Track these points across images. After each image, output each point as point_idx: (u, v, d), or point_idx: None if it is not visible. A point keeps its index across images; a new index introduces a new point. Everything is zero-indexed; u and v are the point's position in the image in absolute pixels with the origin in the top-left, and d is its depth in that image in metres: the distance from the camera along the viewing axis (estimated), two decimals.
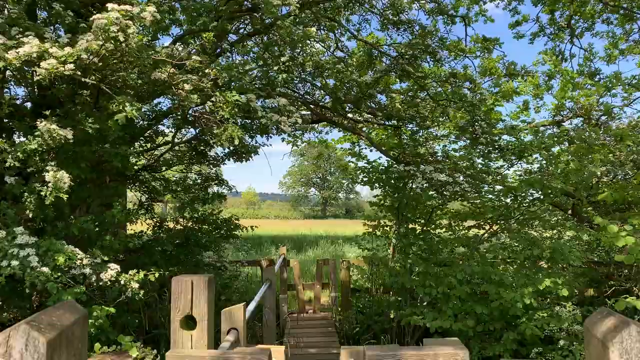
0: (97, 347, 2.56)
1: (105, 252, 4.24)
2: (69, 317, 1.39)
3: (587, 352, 1.56)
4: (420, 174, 6.12)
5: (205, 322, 2.30)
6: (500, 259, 7.89)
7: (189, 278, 2.33)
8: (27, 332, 1.25)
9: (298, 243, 20.11)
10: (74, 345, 1.38)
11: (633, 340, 1.37)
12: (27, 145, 3.67)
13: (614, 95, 9.57)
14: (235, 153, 6.35)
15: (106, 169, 5.13)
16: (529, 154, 7.67)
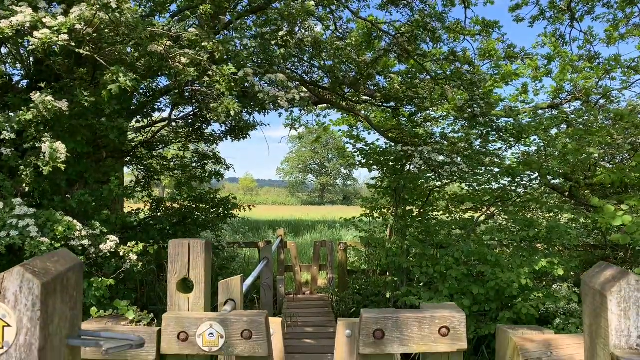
0: (94, 311, 2.55)
1: (103, 226, 4.22)
2: (64, 264, 1.38)
3: (585, 306, 1.56)
4: (418, 154, 6.10)
5: (202, 285, 2.30)
6: (497, 240, 7.91)
7: (186, 241, 2.32)
8: (22, 275, 1.24)
9: (295, 227, 20.15)
10: (69, 292, 1.37)
11: (632, 289, 1.36)
12: (22, 116, 3.63)
13: (613, 79, 9.54)
14: (233, 131, 6.31)
15: (103, 144, 5.10)
16: (527, 135, 7.66)
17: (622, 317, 1.36)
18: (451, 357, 2.23)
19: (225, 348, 2.18)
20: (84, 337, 1.41)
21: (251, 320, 2.20)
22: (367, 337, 2.15)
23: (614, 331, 1.36)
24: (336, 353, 3.21)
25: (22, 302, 1.23)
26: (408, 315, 2.19)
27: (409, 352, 2.17)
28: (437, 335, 2.16)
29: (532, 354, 2.18)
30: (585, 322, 1.56)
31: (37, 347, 1.23)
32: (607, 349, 1.38)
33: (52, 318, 1.29)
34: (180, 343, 2.18)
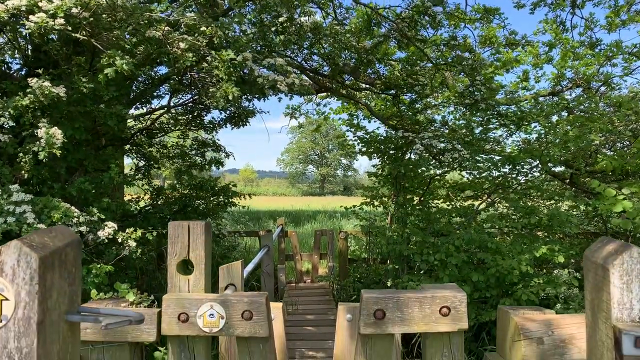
0: (94, 293, 2.55)
1: (102, 214, 4.22)
2: (62, 239, 1.37)
3: (586, 281, 1.55)
4: (419, 140, 6.07)
5: (203, 266, 2.29)
6: (497, 228, 7.91)
7: (185, 223, 2.30)
8: (19, 248, 1.23)
9: (296, 217, 20.17)
10: (67, 268, 1.36)
11: (634, 262, 1.35)
12: (19, 102, 3.61)
13: (615, 65, 9.49)
14: (232, 118, 6.28)
15: (102, 131, 5.07)
16: (528, 122, 7.62)
17: (625, 290, 1.35)
18: (452, 337, 2.22)
19: (226, 329, 2.18)
20: (83, 313, 1.41)
21: (252, 301, 2.19)
22: (367, 317, 2.15)
23: (615, 304, 1.35)
24: (337, 337, 3.22)
25: (19, 276, 1.22)
26: (409, 295, 2.18)
27: (410, 332, 2.17)
28: (437, 315, 2.15)
29: (533, 333, 2.17)
30: (587, 298, 1.55)
31: (36, 320, 1.22)
32: (608, 322, 1.37)
33: (51, 292, 1.28)
34: (181, 324, 2.18)
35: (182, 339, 2.24)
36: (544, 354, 2.15)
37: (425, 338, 2.25)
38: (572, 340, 2.15)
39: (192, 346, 2.25)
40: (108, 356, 2.28)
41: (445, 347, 2.23)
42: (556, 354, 2.15)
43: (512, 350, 2.24)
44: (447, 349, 2.23)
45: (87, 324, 2.23)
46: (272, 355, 2.26)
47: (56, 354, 1.31)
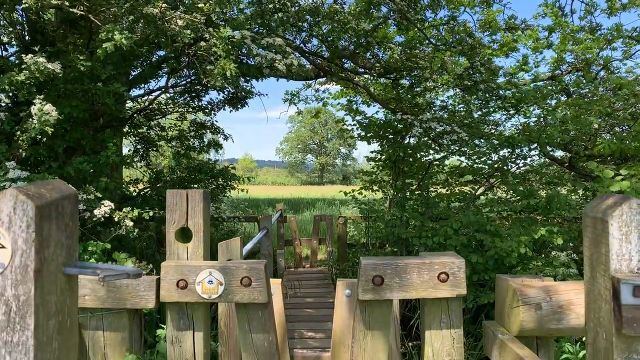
0: (92, 262, 2.55)
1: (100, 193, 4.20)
2: (59, 192, 1.36)
3: (585, 238, 1.54)
4: (418, 122, 6.05)
5: (201, 234, 2.28)
6: (496, 212, 7.92)
7: (184, 191, 2.30)
8: (15, 196, 1.22)
9: (295, 205, 20.19)
10: (64, 220, 1.36)
11: (633, 213, 1.35)
12: (14, 77, 3.58)
13: (615, 49, 9.44)
14: (231, 100, 6.25)
15: (100, 112, 5.05)
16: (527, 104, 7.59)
17: (623, 241, 1.35)
18: (450, 303, 2.23)
19: (225, 295, 2.18)
20: (81, 267, 1.40)
21: (250, 268, 2.19)
22: (366, 284, 2.15)
23: (614, 255, 1.35)
24: (335, 312, 3.23)
25: (16, 224, 1.22)
26: (407, 261, 2.19)
27: (409, 297, 2.17)
28: (436, 281, 2.16)
29: (532, 299, 2.18)
30: (586, 254, 1.54)
31: (33, 268, 1.22)
32: (607, 275, 1.37)
33: (48, 242, 1.27)
34: (180, 291, 2.18)
35: (181, 306, 2.24)
36: (542, 319, 2.15)
37: (424, 305, 2.26)
38: (570, 306, 2.16)
39: (190, 313, 2.25)
40: (107, 323, 2.29)
41: (444, 313, 2.23)
42: (554, 320, 2.16)
43: (511, 317, 2.24)
44: (446, 315, 2.23)
45: (85, 291, 2.24)
46: (271, 322, 2.26)
47: (54, 304, 1.30)
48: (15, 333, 1.21)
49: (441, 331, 2.23)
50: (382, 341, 2.22)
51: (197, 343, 2.25)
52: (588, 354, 1.54)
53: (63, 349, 1.35)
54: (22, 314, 1.21)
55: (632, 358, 1.34)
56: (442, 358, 2.23)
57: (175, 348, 2.25)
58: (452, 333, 2.24)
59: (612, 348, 1.35)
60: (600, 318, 1.43)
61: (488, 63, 7.17)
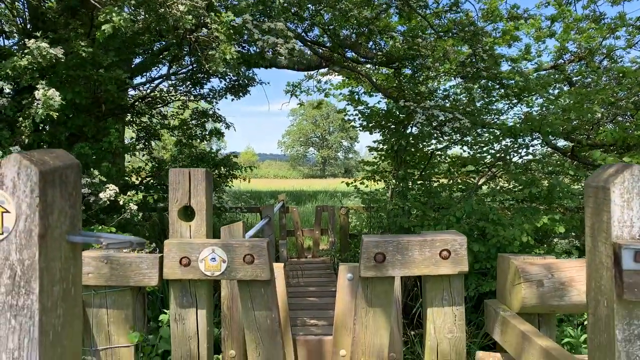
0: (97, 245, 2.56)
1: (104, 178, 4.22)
2: (62, 160, 1.37)
3: (587, 208, 1.54)
4: (421, 110, 6.04)
5: (204, 213, 2.29)
6: (498, 201, 7.92)
7: (186, 170, 2.31)
8: (19, 161, 1.23)
9: (297, 197, 20.22)
10: (67, 189, 1.36)
11: (635, 180, 1.35)
12: (17, 62, 3.58)
13: (618, 38, 9.39)
14: (232, 88, 6.24)
15: (102, 99, 5.06)
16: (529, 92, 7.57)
17: (625, 208, 1.35)
18: (452, 280, 2.24)
19: (228, 272, 2.19)
20: (85, 236, 1.41)
21: (253, 245, 2.20)
22: (367, 261, 2.16)
23: (616, 222, 1.36)
24: (337, 296, 3.24)
25: (20, 189, 1.22)
26: (409, 238, 2.19)
27: (410, 274, 2.18)
28: (438, 257, 2.16)
29: (533, 276, 2.19)
30: (587, 225, 1.55)
31: (37, 233, 1.22)
32: (608, 242, 1.38)
33: (52, 209, 1.28)
34: (183, 268, 2.20)
35: (184, 284, 2.25)
36: (543, 295, 2.16)
37: (425, 282, 2.27)
38: (572, 283, 2.17)
39: (193, 291, 2.26)
40: (110, 301, 2.30)
41: (446, 290, 2.24)
42: (556, 296, 2.17)
43: (512, 294, 2.25)
44: (447, 292, 2.24)
45: (89, 269, 2.25)
46: (273, 300, 2.27)
47: (58, 271, 1.31)
48: (21, 297, 1.22)
49: (443, 308, 2.24)
50: (384, 318, 2.23)
51: (200, 320, 2.27)
52: (589, 325, 1.54)
53: (68, 316, 1.36)
54: (27, 278, 1.22)
55: (633, 324, 1.34)
56: (444, 335, 2.24)
57: (178, 325, 2.27)
58: (454, 310, 2.25)
59: (613, 315, 1.36)
60: (601, 286, 1.43)
61: (491, 50, 7.14)
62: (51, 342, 1.28)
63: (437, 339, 2.25)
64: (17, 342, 1.22)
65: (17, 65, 3.62)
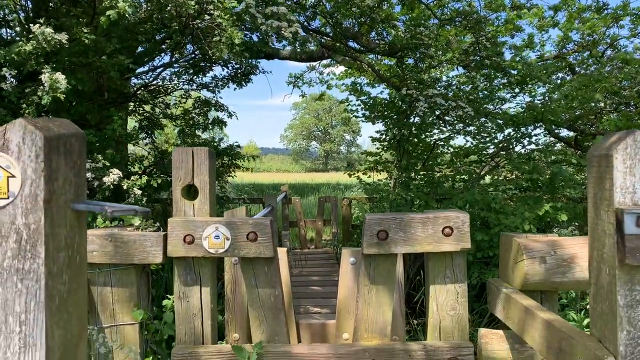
0: (100, 222, 2.58)
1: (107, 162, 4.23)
2: (67, 129, 1.37)
3: (590, 177, 1.54)
4: (423, 97, 6.02)
5: (207, 191, 2.30)
6: (501, 190, 7.91)
7: (189, 149, 2.31)
8: (24, 126, 1.23)
9: (300, 190, 20.22)
10: (72, 158, 1.37)
11: (638, 146, 1.35)
12: (22, 47, 3.59)
13: (622, 27, 9.34)
14: (234, 77, 6.23)
15: (105, 86, 5.06)
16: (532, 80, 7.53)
17: (627, 174, 1.35)
18: (454, 257, 2.25)
19: (231, 250, 2.20)
20: (89, 204, 1.42)
21: (256, 223, 2.21)
22: (370, 238, 2.17)
23: (618, 189, 1.36)
24: (340, 281, 3.25)
25: (25, 153, 1.23)
26: (412, 216, 2.20)
27: (413, 251, 2.19)
28: (440, 235, 2.17)
29: (536, 253, 2.19)
30: (590, 195, 1.55)
31: (42, 198, 1.23)
32: (610, 209, 1.38)
33: (57, 175, 1.29)
34: (187, 246, 2.21)
35: (188, 262, 2.27)
36: (546, 272, 2.17)
37: (428, 259, 2.28)
38: (575, 260, 2.17)
39: (197, 269, 2.28)
40: (115, 279, 2.32)
41: (448, 268, 2.25)
42: (558, 273, 2.17)
43: (515, 271, 2.25)
44: (450, 270, 2.25)
45: (93, 247, 2.26)
46: (276, 277, 2.29)
47: (63, 238, 1.32)
48: (27, 261, 1.23)
49: (445, 286, 2.25)
50: (387, 295, 2.24)
51: (204, 298, 2.28)
52: (591, 296, 1.55)
53: (73, 283, 1.37)
54: (32, 242, 1.23)
55: (634, 290, 1.35)
56: (447, 312, 2.25)
57: (182, 303, 2.28)
58: (457, 287, 2.26)
59: (614, 281, 1.37)
60: (603, 254, 1.44)
61: (494, 38, 7.11)
62: (57, 306, 1.29)
63: (439, 316, 2.26)
64: (24, 305, 1.24)
65: (22, 51, 3.63)
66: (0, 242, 1.24)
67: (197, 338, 2.28)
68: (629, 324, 1.35)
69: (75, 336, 1.40)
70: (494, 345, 2.28)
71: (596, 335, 1.50)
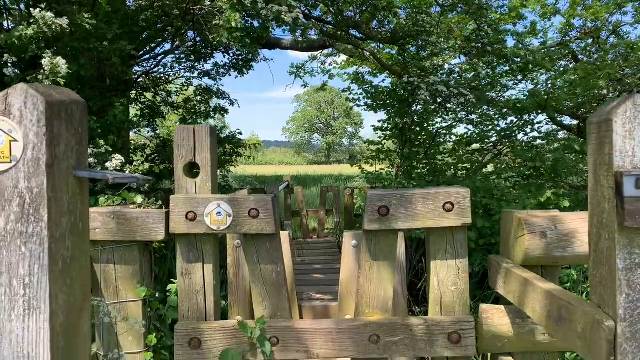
0: (102, 201, 2.59)
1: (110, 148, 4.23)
2: (68, 96, 1.38)
3: (590, 146, 1.54)
4: (425, 85, 6.01)
5: (209, 169, 2.31)
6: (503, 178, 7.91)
7: (191, 126, 2.32)
8: (25, 90, 1.24)
9: (302, 181, 20.26)
10: (74, 125, 1.38)
11: (637, 109, 1.35)
12: (23, 31, 3.59)
13: (625, 13, 9.29)
14: (236, 64, 6.22)
15: (106, 73, 5.07)
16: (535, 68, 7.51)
17: (627, 138, 1.35)
18: (455, 233, 2.25)
19: (233, 226, 2.21)
20: (91, 171, 1.43)
21: (258, 199, 2.22)
22: (372, 214, 2.17)
23: (617, 153, 1.36)
24: (342, 263, 3.27)
25: (27, 118, 1.24)
26: (413, 192, 2.20)
27: (414, 227, 2.20)
28: (441, 210, 2.18)
29: (537, 227, 2.20)
30: (590, 162, 1.55)
31: (45, 162, 1.25)
32: (610, 173, 1.38)
33: (58, 141, 1.30)
34: (189, 222, 2.22)
35: (190, 239, 2.28)
36: (547, 247, 2.17)
37: (429, 235, 2.29)
38: (575, 234, 2.18)
39: (200, 246, 2.29)
40: (118, 257, 2.33)
41: (449, 244, 2.26)
42: (559, 247, 2.18)
43: (516, 246, 2.26)
44: (451, 245, 2.26)
45: (96, 224, 2.28)
46: (278, 254, 2.30)
47: (66, 203, 1.34)
48: (30, 224, 1.25)
49: (446, 261, 2.26)
50: (388, 271, 2.25)
51: (206, 275, 2.30)
52: (590, 263, 1.55)
53: (76, 250, 1.39)
54: (35, 205, 1.25)
55: (634, 253, 1.35)
56: (448, 287, 2.26)
57: (185, 280, 2.30)
58: (457, 263, 2.27)
59: (614, 245, 1.37)
60: (603, 220, 1.44)
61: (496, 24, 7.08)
62: (61, 271, 1.30)
63: (440, 292, 2.27)
64: (28, 268, 1.25)
65: (23, 35, 3.63)
66: (4, 206, 1.25)
67: (200, 314, 2.29)
68: (628, 287, 1.36)
69: (79, 302, 1.42)
70: (495, 320, 2.30)
71: (595, 302, 1.51)
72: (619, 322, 1.36)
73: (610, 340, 1.37)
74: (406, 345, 2.22)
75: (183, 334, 2.24)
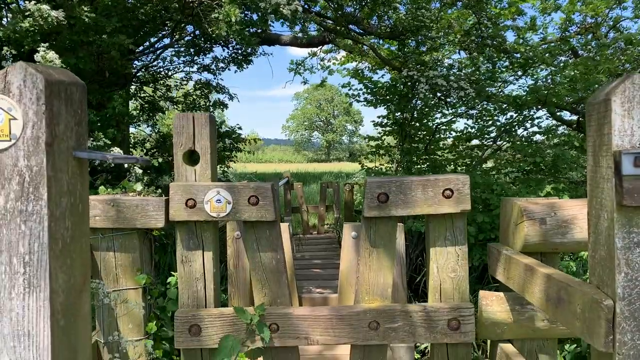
0: (102, 190, 2.59)
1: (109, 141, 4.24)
2: (67, 77, 1.38)
3: (589, 128, 1.54)
4: (424, 79, 6.01)
5: (208, 156, 2.31)
6: (503, 173, 7.92)
7: (190, 114, 2.32)
8: (25, 68, 1.24)
9: (302, 178, 20.24)
10: (73, 106, 1.38)
11: (636, 88, 1.35)
12: (19, 23, 3.59)
13: (625, 8, 9.29)
14: (236, 58, 6.22)
15: (106, 66, 5.06)
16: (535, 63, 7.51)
17: (626, 117, 1.36)
18: (455, 220, 2.25)
19: (233, 214, 2.21)
20: (91, 152, 1.43)
21: (257, 186, 2.22)
22: (371, 201, 2.17)
23: (616, 132, 1.36)
24: (342, 254, 3.27)
25: (26, 96, 1.24)
26: (412, 178, 2.20)
27: (413, 214, 2.20)
28: (440, 197, 2.18)
29: (536, 214, 2.20)
30: (589, 144, 1.55)
31: (44, 140, 1.25)
32: (609, 153, 1.38)
33: (58, 120, 1.30)
34: (189, 210, 2.22)
35: (190, 226, 2.28)
36: (546, 233, 2.18)
37: (428, 221, 2.29)
38: (574, 221, 2.18)
39: (200, 233, 2.29)
40: (117, 244, 2.34)
41: (448, 230, 2.26)
42: (558, 234, 2.18)
43: (515, 234, 2.27)
44: (450, 232, 2.26)
45: (96, 211, 2.28)
46: (278, 241, 2.30)
47: (65, 183, 1.34)
48: (30, 202, 1.25)
49: (446, 248, 2.26)
50: (387, 258, 2.25)
51: (206, 262, 2.30)
52: (590, 245, 1.56)
53: (76, 230, 1.39)
54: (35, 184, 1.25)
55: (632, 232, 1.36)
56: (447, 274, 2.27)
57: (185, 267, 2.30)
58: (457, 250, 2.27)
59: (613, 225, 1.37)
60: (602, 200, 1.45)
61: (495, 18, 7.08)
62: (60, 250, 1.31)
63: (440, 279, 2.27)
64: (28, 246, 1.25)
65: (19, 28, 3.63)
66: (3, 184, 1.25)
67: (200, 302, 2.30)
68: (626, 266, 1.36)
69: (79, 283, 1.42)
70: (494, 307, 2.30)
71: (594, 283, 1.51)
72: (618, 301, 1.37)
73: (609, 319, 1.37)
74: (405, 332, 2.22)
75: (183, 321, 2.24)
